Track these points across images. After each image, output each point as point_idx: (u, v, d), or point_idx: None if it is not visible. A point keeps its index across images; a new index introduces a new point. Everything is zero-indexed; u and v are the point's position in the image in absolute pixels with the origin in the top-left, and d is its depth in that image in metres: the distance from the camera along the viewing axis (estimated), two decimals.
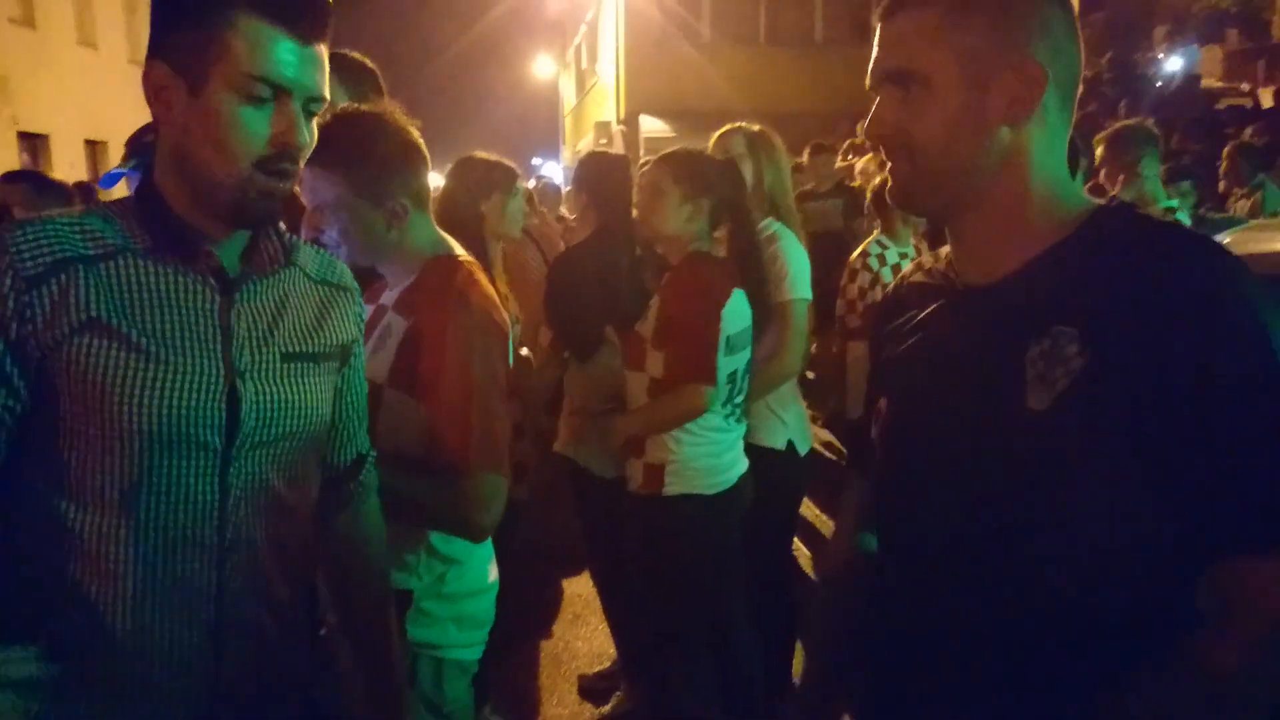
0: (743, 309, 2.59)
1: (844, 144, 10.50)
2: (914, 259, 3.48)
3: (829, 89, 14.65)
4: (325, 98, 1.21)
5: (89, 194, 5.70)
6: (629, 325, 2.69)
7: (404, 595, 1.75)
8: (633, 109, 16.43)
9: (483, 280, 1.78)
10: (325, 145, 1.24)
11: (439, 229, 1.87)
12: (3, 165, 7.15)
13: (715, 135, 3.16)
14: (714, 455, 2.57)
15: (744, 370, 2.62)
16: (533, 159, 30.90)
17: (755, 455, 2.76)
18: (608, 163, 3.44)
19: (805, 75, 15.46)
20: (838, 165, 7.64)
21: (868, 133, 1.12)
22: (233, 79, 1.12)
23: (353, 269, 1.48)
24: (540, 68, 27.40)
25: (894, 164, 1.11)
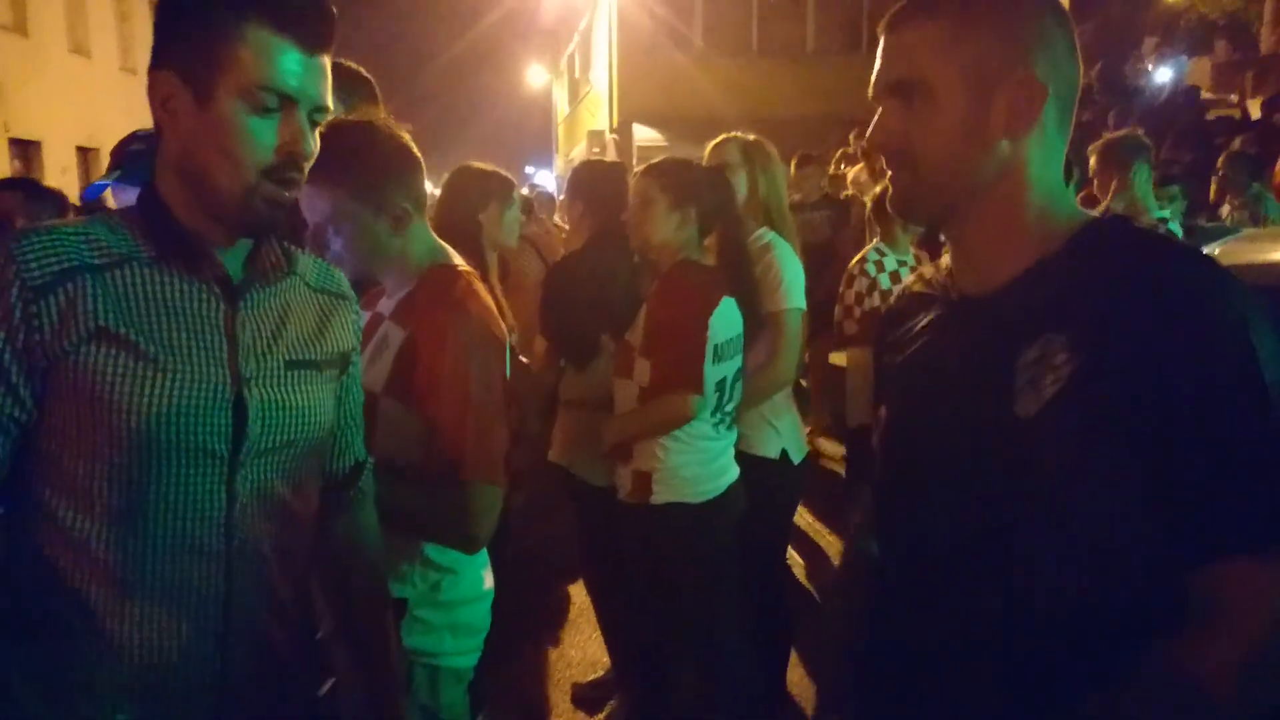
0: (732, 317, 2.59)
1: (836, 153, 10.53)
2: (913, 267, 3.50)
3: (820, 98, 14.70)
4: (329, 107, 1.22)
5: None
6: (625, 333, 2.70)
7: (399, 603, 1.75)
8: (625, 117, 16.47)
9: (481, 290, 1.79)
10: (320, 159, 1.24)
11: (437, 238, 1.87)
12: None
13: (710, 145, 3.17)
14: (702, 463, 2.58)
15: (733, 378, 2.62)
16: (526, 167, 30.95)
17: (749, 464, 2.77)
18: (603, 170, 3.45)
19: (797, 84, 15.51)
20: (830, 174, 7.66)
21: (870, 141, 1.14)
22: (241, 88, 1.13)
23: (350, 277, 1.49)
24: (533, 76, 27.46)
25: (895, 173, 1.13)
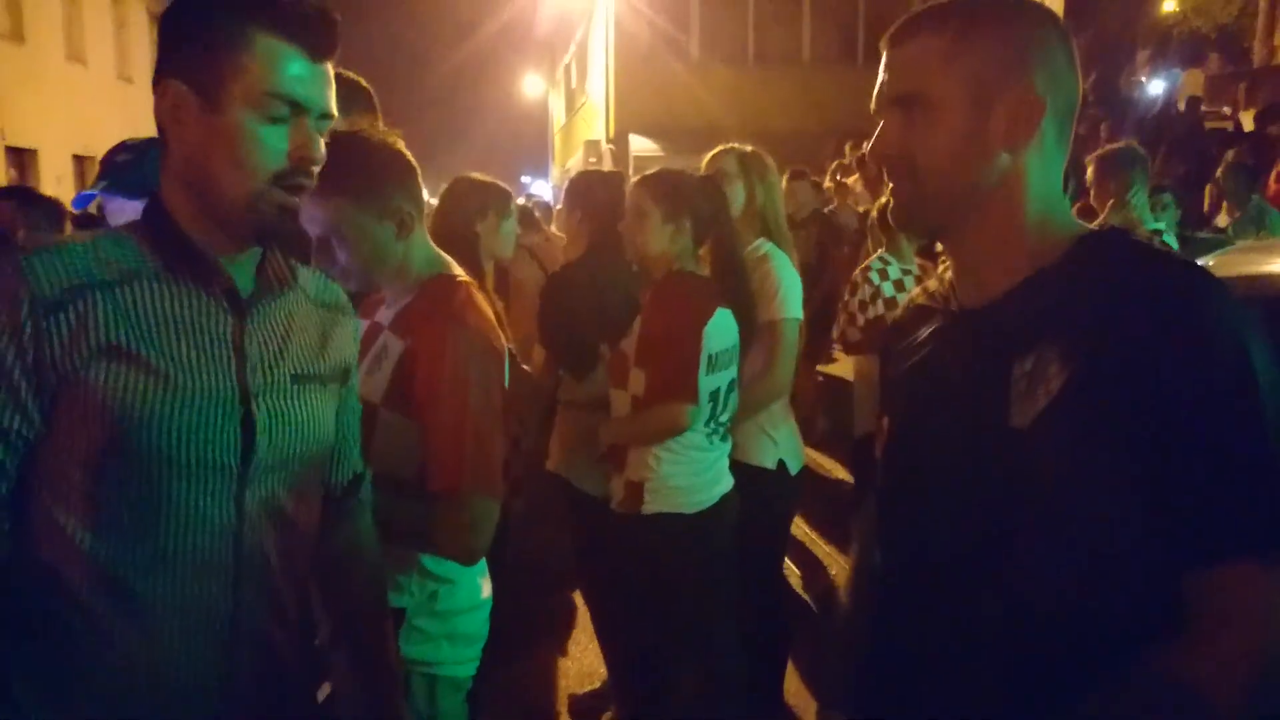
0: (726, 327, 2.60)
1: (832, 164, 10.57)
2: (918, 276, 3.52)
3: (817, 108, 14.75)
4: (334, 114, 1.23)
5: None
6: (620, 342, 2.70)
7: (397, 613, 1.75)
8: (622, 128, 16.49)
9: (481, 301, 1.79)
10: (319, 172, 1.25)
11: (437, 248, 1.88)
12: None
13: (708, 156, 3.18)
14: (694, 474, 2.58)
15: (727, 389, 2.62)
16: (522, 177, 30.98)
17: (746, 474, 2.77)
18: (600, 180, 3.46)
19: (793, 94, 15.56)
20: (826, 185, 7.66)
21: (871, 153, 1.16)
22: (251, 96, 1.14)
23: (356, 289, 1.49)
24: (530, 86, 27.49)
25: (896, 184, 1.14)
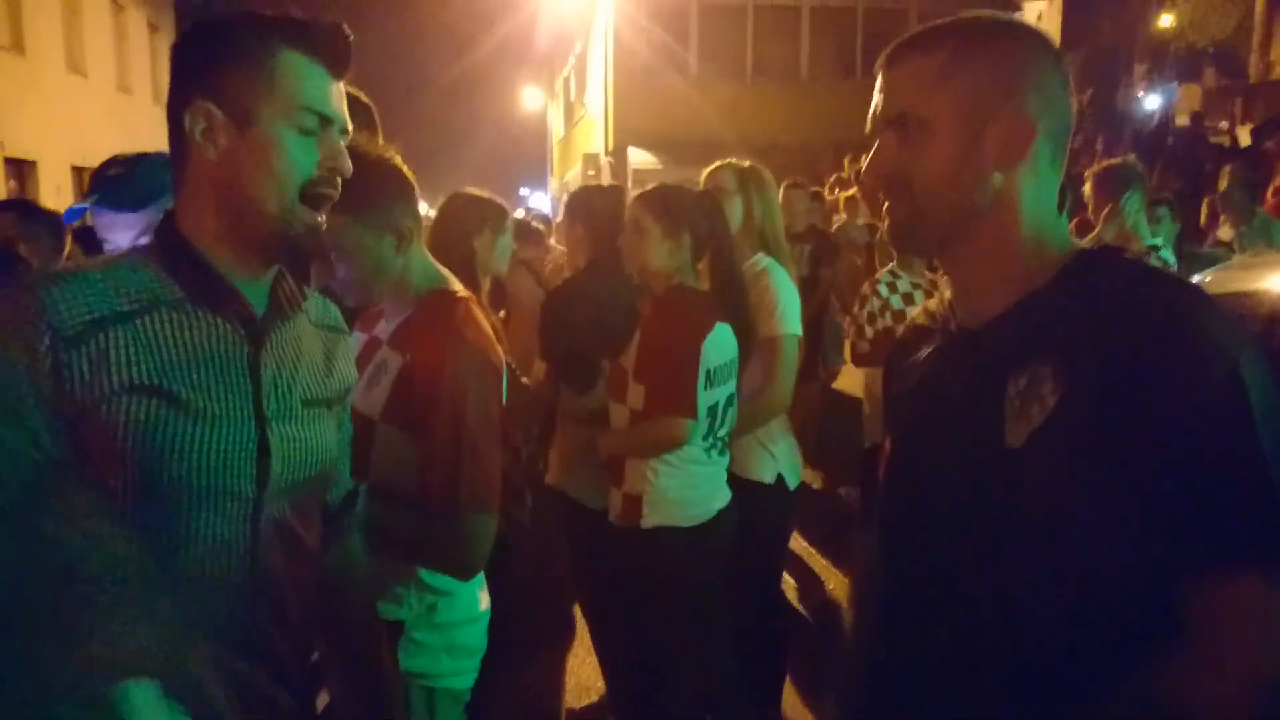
0: (725, 342, 2.60)
1: (830, 177, 10.63)
2: (927, 290, 3.53)
3: (815, 122, 14.83)
4: (350, 129, 1.26)
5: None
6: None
7: (395, 626, 1.76)
8: (620, 141, 16.54)
9: (479, 316, 1.80)
10: None
11: (435, 262, 1.88)
12: None
13: (705, 171, 3.19)
14: (692, 487, 2.58)
15: (725, 403, 2.63)
16: (521, 189, 31.07)
17: (744, 489, 2.77)
18: (601, 194, 3.46)
19: (791, 108, 15.64)
20: (830, 197, 7.69)
21: (866, 174, 1.17)
22: (284, 110, 1.17)
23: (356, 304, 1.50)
24: (529, 99, 27.58)
25: (892, 205, 1.15)
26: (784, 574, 3.83)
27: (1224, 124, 14.01)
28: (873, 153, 1.15)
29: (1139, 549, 0.96)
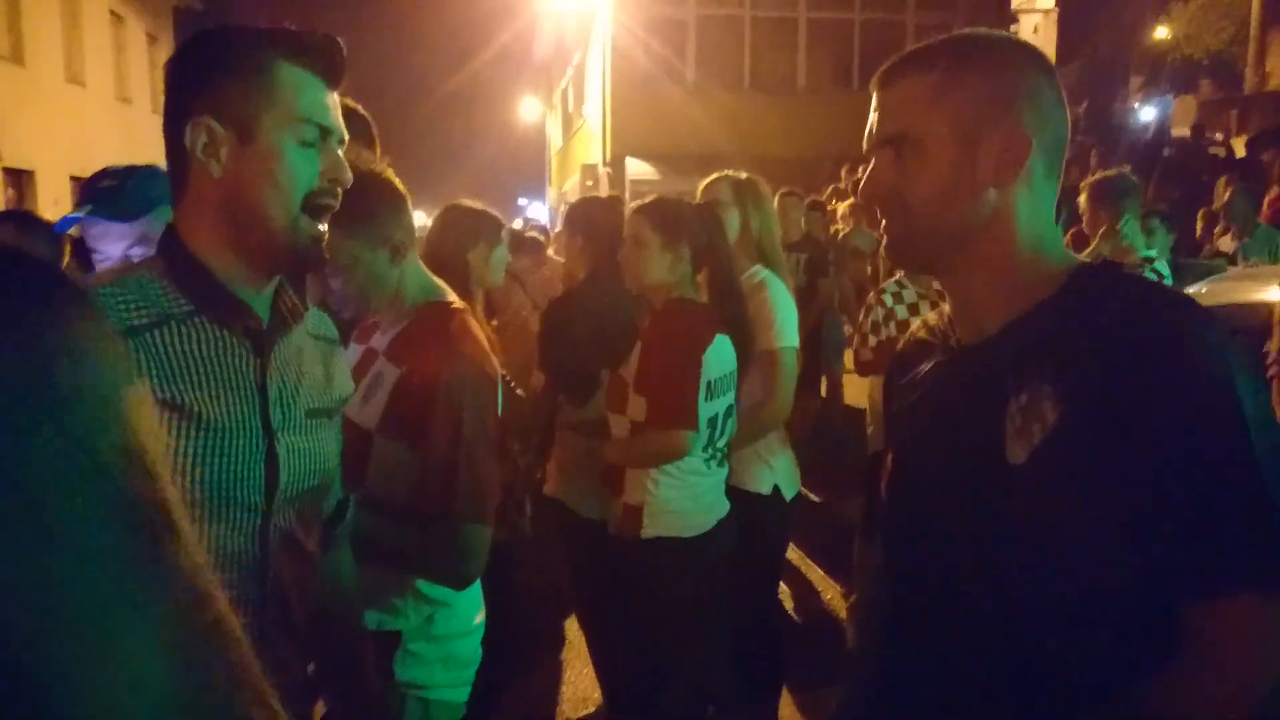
0: (725, 354, 2.61)
1: (828, 188, 10.65)
2: (933, 301, 3.54)
3: (812, 133, 14.85)
4: (347, 138, 1.27)
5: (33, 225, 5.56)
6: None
7: (392, 636, 1.76)
8: (618, 151, 16.55)
9: (475, 328, 1.80)
10: None
11: (431, 274, 1.89)
12: None
13: (702, 183, 3.20)
14: (692, 498, 2.59)
15: (725, 414, 2.64)
16: (519, 199, 31.13)
17: (741, 500, 2.77)
18: (600, 206, 3.48)
19: (789, 120, 15.66)
20: (818, 205, 7.67)
21: (863, 193, 1.18)
22: (286, 122, 1.18)
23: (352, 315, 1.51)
24: (527, 110, 27.66)
25: (888, 222, 1.16)
26: (780, 584, 3.83)
27: (1219, 135, 14.06)
28: (869, 172, 1.16)
29: (1137, 565, 0.97)
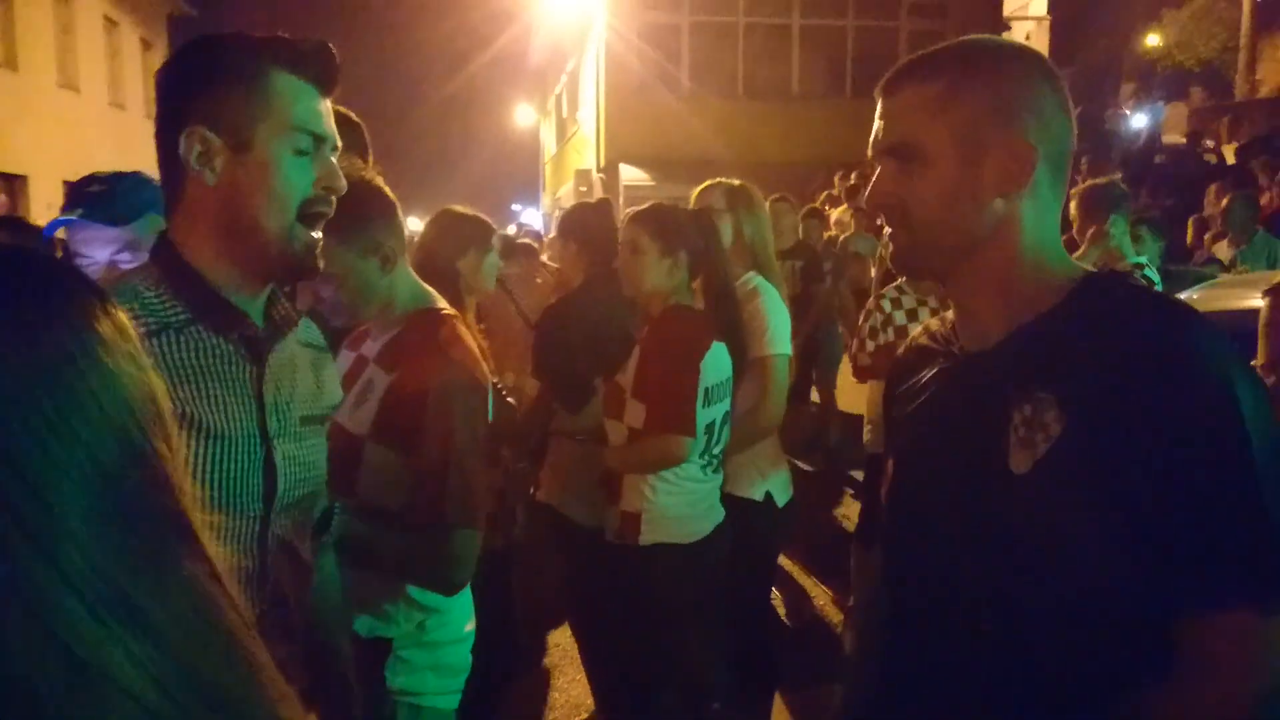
0: (722, 361, 2.62)
1: (821, 194, 10.68)
2: (933, 308, 3.55)
3: (806, 140, 14.89)
4: (340, 145, 1.26)
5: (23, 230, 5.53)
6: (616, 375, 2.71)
7: (383, 643, 1.76)
8: (612, 157, 16.56)
9: (465, 335, 1.81)
10: None
11: (421, 281, 1.90)
12: None
13: (696, 190, 3.21)
14: (690, 504, 2.59)
15: (721, 421, 2.64)
16: (513, 205, 31.14)
17: (733, 506, 2.77)
18: (593, 211, 3.48)
19: (782, 126, 15.68)
20: (811, 211, 7.68)
21: (867, 202, 1.18)
22: (279, 132, 1.17)
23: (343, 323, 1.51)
24: (521, 116, 27.67)
25: (894, 232, 1.16)
26: (773, 590, 3.84)
27: (1210, 143, 14.12)
28: (873, 181, 1.16)
29: (1137, 576, 0.97)
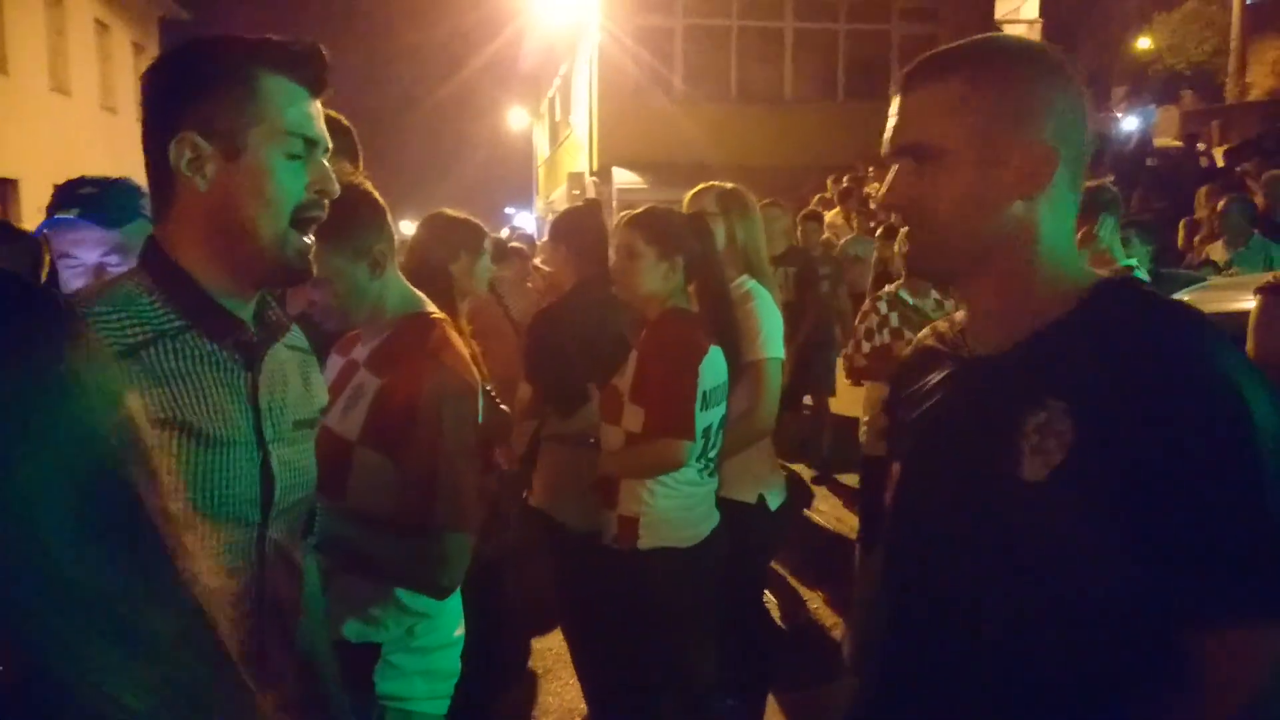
0: (719, 364, 2.62)
1: (814, 198, 10.69)
2: (929, 309, 3.56)
3: (798, 144, 14.90)
4: (331, 147, 1.25)
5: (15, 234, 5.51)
6: (610, 379, 2.71)
7: (372, 648, 1.75)
8: (605, 161, 16.56)
9: (455, 339, 1.80)
10: None
11: (410, 285, 1.89)
12: None
13: (689, 194, 3.21)
14: (687, 508, 2.59)
15: (718, 425, 2.64)
16: (506, 208, 31.12)
17: (726, 508, 2.77)
18: (584, 215, 3.48)
19: (775, 130, 15.69)
20: (804, 215, 7.67)
21: (882, 201, 1.15)
22: (272, 136, 1.16)
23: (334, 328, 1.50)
24: (515, 119, 27.63)
25: (910, 232, 1.15)
26: (767, 593, 3.84)
27: (1201, 146, 14.17)
28: (889, 180, 1.13)
29: (1147, 586, 0.97)
